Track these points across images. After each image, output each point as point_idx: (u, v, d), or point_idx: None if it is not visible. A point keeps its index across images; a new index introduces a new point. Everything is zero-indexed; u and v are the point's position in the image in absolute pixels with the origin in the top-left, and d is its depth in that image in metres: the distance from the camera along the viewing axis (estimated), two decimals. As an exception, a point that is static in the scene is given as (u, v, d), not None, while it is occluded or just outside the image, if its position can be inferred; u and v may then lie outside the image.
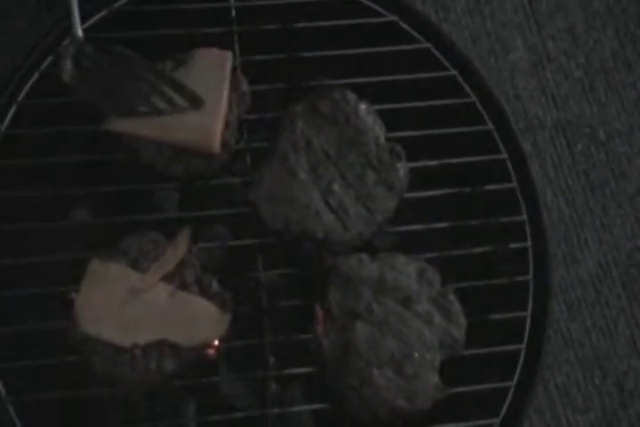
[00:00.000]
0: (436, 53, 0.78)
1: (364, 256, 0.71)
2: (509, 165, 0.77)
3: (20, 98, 0.72)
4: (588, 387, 0.96)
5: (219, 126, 0.70)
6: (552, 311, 0.75)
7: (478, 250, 0.74)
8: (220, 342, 0.69)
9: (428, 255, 0.72)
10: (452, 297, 0.71)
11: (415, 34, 0.78)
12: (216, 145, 0.70)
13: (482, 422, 0.71)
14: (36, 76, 0.73)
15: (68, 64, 0.68)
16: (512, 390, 0.72)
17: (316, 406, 0.70)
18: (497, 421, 0.71)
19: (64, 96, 0.71)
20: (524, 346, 0.73)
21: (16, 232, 0.70)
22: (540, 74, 1.04)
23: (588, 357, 0.97)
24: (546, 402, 0.95)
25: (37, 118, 0.72)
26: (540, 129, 1.03)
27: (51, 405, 0.67)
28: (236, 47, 0.74)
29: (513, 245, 0.75)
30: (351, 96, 0.73)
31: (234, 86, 0.72)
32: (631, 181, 1.03)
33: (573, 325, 0.98)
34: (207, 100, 0.70)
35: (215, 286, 0.68)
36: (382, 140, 0.73)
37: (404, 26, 0.77)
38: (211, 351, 0.72)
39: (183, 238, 0.69)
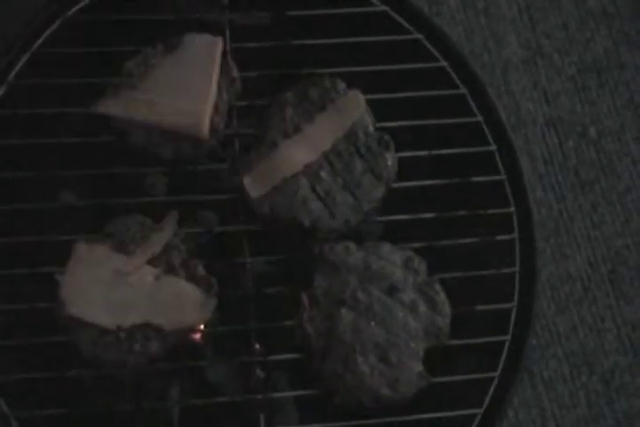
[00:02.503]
0: (427, 44, 0.78)
1: (351, 244, 0.71)
2: (498, 156, 0.77)
3: (11, 78, 0.72)
4: (575, 383, 0.96)
5: (208, 111, 0.70)
6: (537, 303, 0.75)
7: (465, 241, 0.74)
8: (205, 327, 0.69)
9: (415, 245, 0.72)
10: (437, 287, 0.70)
11: (406, 24, 0.78)
12: (205, 130, 0.70)
13: (465, 411, 0.71)
14: (26, 56, 0.73)
15: None
16: (495, 380, 0.72)
17: (300, 392, 0.70)
18: (480, 411, 0.71)
19: (54, 78, 0.71)
20: (508, 337, 0.73)
21: (3, 213, 0.70)
22: (532, 70, 1.05)
23: (575, 353, 0.97)
24: (532, 397, 0.95)
25: (27, 100, 0.72)
26: (531, 125, 1.03)
27: (35, 384, 0.67)
28: (228, 34, 0.74)
29: (500, 237, 0.75)
30: (341, 85, 0.73)
31: (224, 72, 0.72)
32: (621, 179, 1.03)
33: (561, 321, 0.98)
34: (197, 84, 0.70)
35: (201, 270, 0.68)
36: (371, 129, 0.73)
37: (396, 16, 0.78)
38: (196, 336, 0.72)
39: (170, 222, 0.69)
